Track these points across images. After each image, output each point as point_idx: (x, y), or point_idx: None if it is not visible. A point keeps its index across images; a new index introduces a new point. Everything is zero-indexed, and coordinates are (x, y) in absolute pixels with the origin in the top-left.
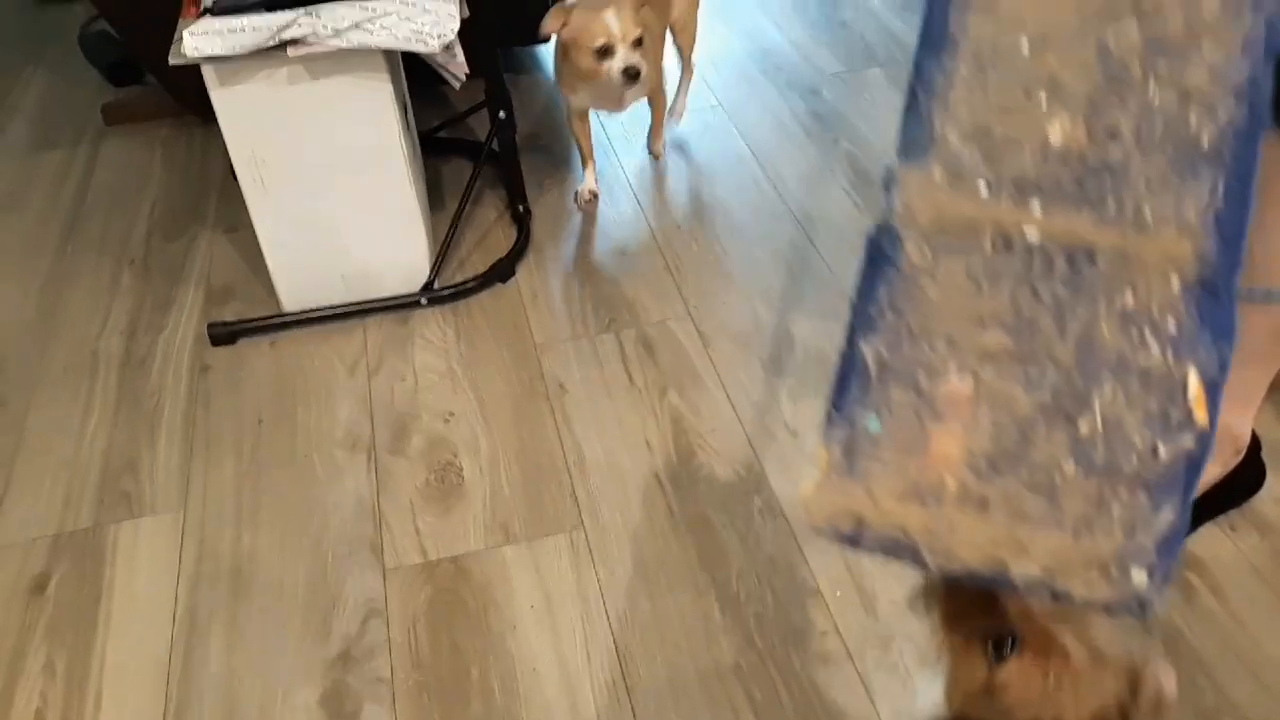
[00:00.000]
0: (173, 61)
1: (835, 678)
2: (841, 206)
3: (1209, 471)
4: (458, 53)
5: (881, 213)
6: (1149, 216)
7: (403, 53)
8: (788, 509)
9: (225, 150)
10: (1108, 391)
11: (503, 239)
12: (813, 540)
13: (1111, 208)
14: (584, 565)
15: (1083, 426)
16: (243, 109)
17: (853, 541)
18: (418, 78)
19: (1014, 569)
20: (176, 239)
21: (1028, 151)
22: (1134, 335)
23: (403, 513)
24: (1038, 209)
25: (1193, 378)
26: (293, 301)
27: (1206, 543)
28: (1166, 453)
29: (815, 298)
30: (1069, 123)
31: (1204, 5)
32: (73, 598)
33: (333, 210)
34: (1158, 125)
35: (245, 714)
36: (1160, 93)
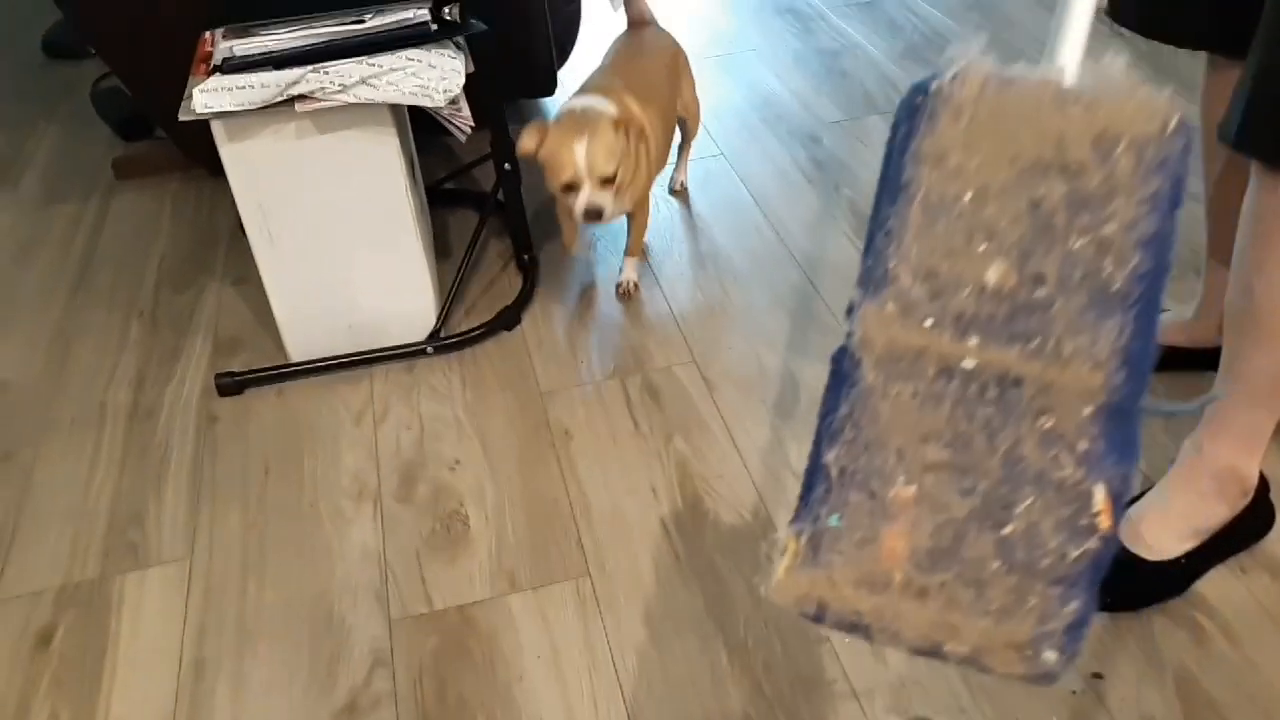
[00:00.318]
0: (182, 117)
1: None
2: (843, 251)
3: (1216, 514)
4: (463, 106)
5: (845, 337)
6: (1067, 351)
7: (409, 106)
8: None
9: (233, 203)
10: (1029, 501)
11: (508, 287)
12: None
13: (1036, 343)
14: (590, 614)
15: (1007, 530)
16: (250, 163)
17: (816, 620)
18: (424, 129)
19: (947, 648)
20: (185, 291)
21: (968, 291)
22: (1052, 453)
23: (409, 562)
24: (974, 342)
25: (1099, 491)
26: (300, 351)
27: (1217, 585)
28: (1075, 554)
29: (819, 342)
30: (1003, 267)
31: (1119, 167)
32: (78, 650)
33: (340, 261)
34: (1077, 271)
35: None
36: (1080, 242)
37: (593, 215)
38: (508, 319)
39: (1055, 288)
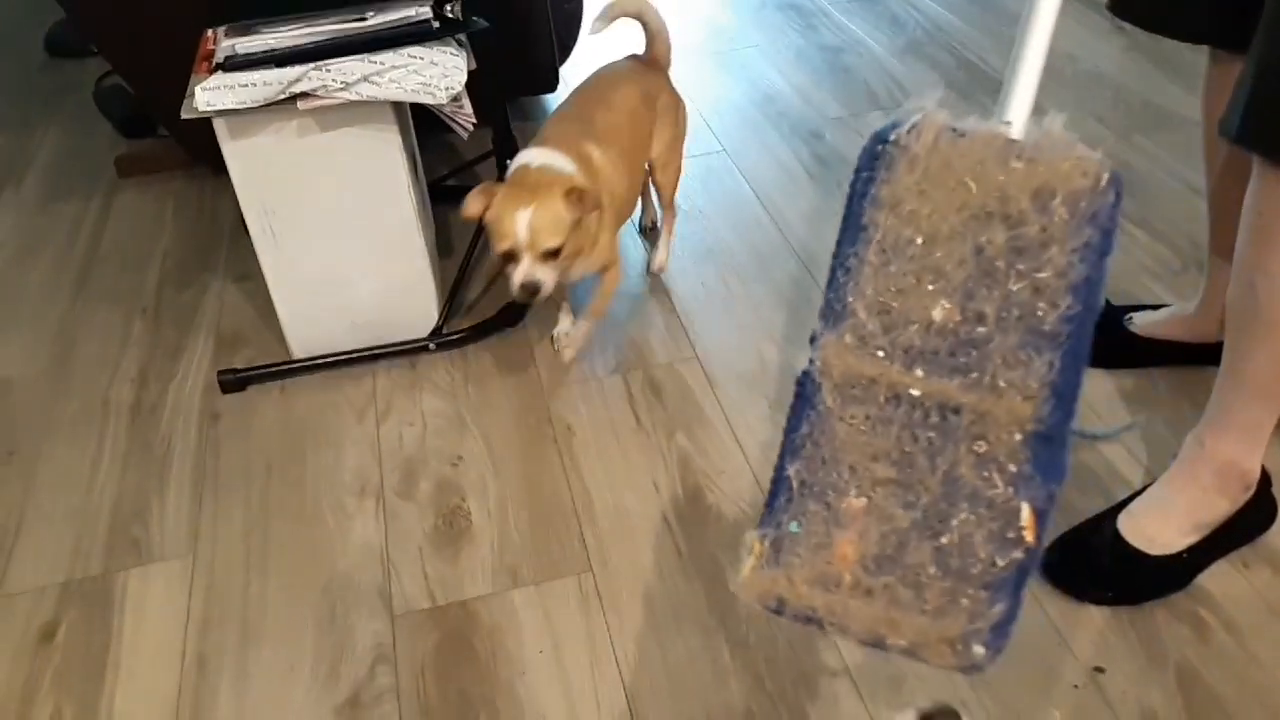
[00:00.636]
0: (185, 115)
1: None
2: None
3: (1218, 508)
4: (465, 103)
5: (808, 363)
6: (1002, 383)
7: (411, 104)
8: None
9: (236, 201)
10: (963, 515)
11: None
12: None
13: (974, 375)
14: (593, 608)
15: (944, 540)
16: (253, 160)
17: (776, 613)
18: (426, 127)
19: (889, 641)
20: (187, 288)
21: (916, 327)
22: (985, 474)
23: (411, 557)
24: (920, 372)
25: (1025, 508)
26: (302, 348)
27: (1219, 580)
28: (1003, 563)
29: None
30: (948, 306)
31: (1054, 217)
32: (81, 645)
33: (342, 258)
34: (1015, 311)
35: None
36: (1018, 285)
37: (529, 290)
38: (510, 315)
39: (994, 326)
